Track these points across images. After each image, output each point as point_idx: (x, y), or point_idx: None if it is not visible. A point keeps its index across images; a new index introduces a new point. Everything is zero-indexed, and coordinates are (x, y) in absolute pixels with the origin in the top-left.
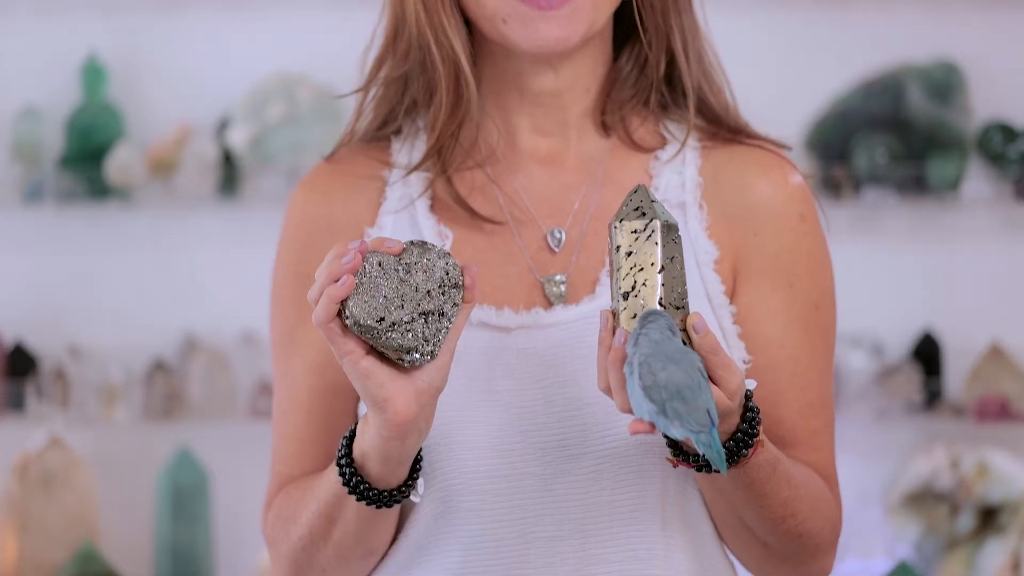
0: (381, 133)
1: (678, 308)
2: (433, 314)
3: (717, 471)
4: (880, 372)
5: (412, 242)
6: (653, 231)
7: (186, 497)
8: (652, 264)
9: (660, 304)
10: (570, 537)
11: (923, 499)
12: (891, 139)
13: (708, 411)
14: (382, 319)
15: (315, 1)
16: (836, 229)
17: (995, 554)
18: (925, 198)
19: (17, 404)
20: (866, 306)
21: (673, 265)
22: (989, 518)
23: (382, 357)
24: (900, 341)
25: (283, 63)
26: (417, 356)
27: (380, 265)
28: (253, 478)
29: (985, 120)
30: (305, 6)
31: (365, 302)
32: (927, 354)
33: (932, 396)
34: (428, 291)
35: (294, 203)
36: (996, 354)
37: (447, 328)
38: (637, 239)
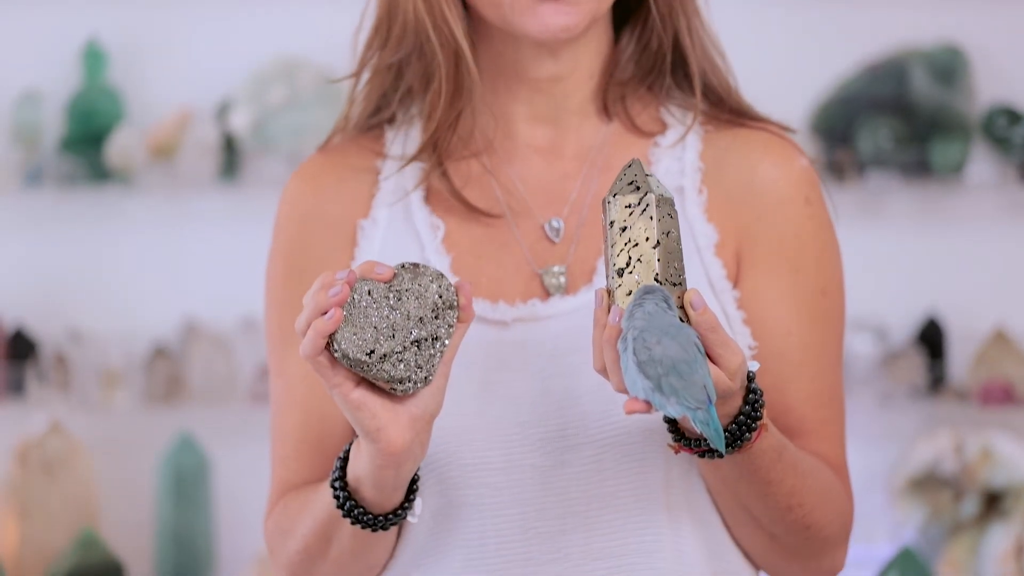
0: (375, 121)
1: (675, 285)
2: (426, 340)
3: (719, 454)
4: (884, 356)
5: (403, 266)
6: (648, 205)
7: (187, 482)
8: (647, 239)
9: (656, 280)
10: (573, 531)
11: (927, 484)
12: (895, 123)
13: (705, 387)
14: (372, 352)
15: None
16: (840, 213)
17: (999, 539)
18: (929, 182)
19: (17, 388)
20: (870, 290)
21: (669, 240)
22: (993, 503)
23: (373, 386)
24: (904, 325)
25: (284, 47)
26: (410, 385)
27: (370, 294)
28: (254, 463)
29: (989, 104)
30: None
31: (354, 334)
32: (931, 338)
33: (936, 380)
34: (420, 318)
35: (286, 196)
36: (1000, 338)
37: (441, 352)
38: (631, 214)
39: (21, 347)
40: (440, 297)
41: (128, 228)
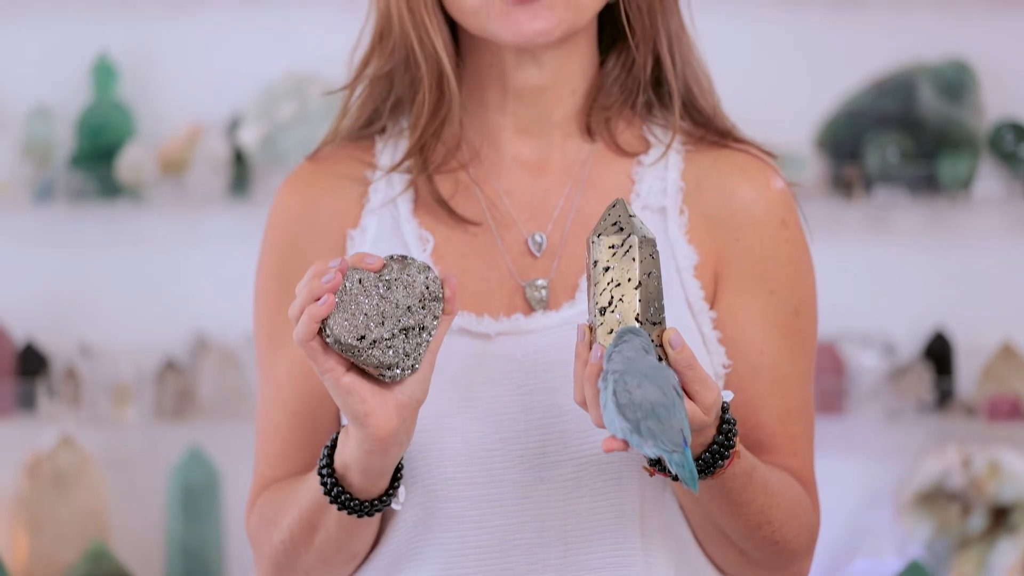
0: (365, 132)
1: (655, 324)
2: (414, 329)
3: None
4: (891, 371)
5: (392, 257)
6: (631, 247)
7: (197, 496)
8: (629, 280)
9: (637, 320)
10: (551, 544)
11: (935, 499)
12: (902, 138)
13: (682, 430)
14: (363, 337)
15: (326, 1)
16: (847, 228)
17: (1007, 553)
18: (937, 197)
19: (28, 403)
20: (877, 305)
21: (650, 281)
22: (1001, 517)
23: (363, 372)
24: (911, 340)
25: (294, 62)
26: (398, 372)
27: (360, 282)
28: None
29: (997, 119)
30: (316, 5)
31: (346, 320)
32: (939, 353)
33: (944, 395)
34: (408, 307)
35: (276, 204)
36: (1008, 353)
37: (428, 341)
38: (615, 254)
39: (32, 362)
40: (427, 288)
41: (138, 243)
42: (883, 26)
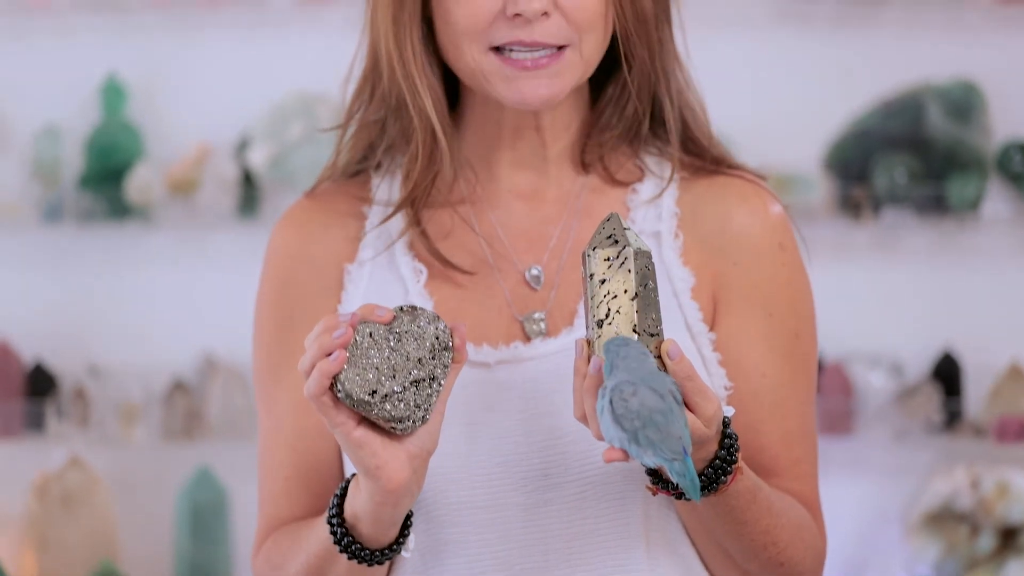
0: (361, 167)
1: (652, 335)
2: (424, 380)
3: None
4: (900, 392)
5: (402, 308)
6: (626, 259)
7: (205, 516)
8: (625, 292)
9: (635, 331)
10: (556, 567)
11: (943, 519)
12: (911, 159)
13: (681, 438)
14: (375, 392)
15: (335, 20)
16: (855, 249)
17: (1016, 574)
18: (945, 218)
19: (37, 423)
20: (886, 326)
21: (647, 292)
22: (1010, 538)
23: (373, 425)
24: (920, 361)
25: (302, 82)
26: (409, 424)
27: (371, 336)
28: None
29: (1005, 140)
30: (325, 25)
31: (357, 375)
32: (947, 374)
33: (952, 416)
34: (419, 359)
35: (274, 241)
36: (1016, 374)
37: (438, 391)
38: (610, 267)
39: (40, 382)
40: (437, 339)
41: (147, 263)
42: (891, 47)
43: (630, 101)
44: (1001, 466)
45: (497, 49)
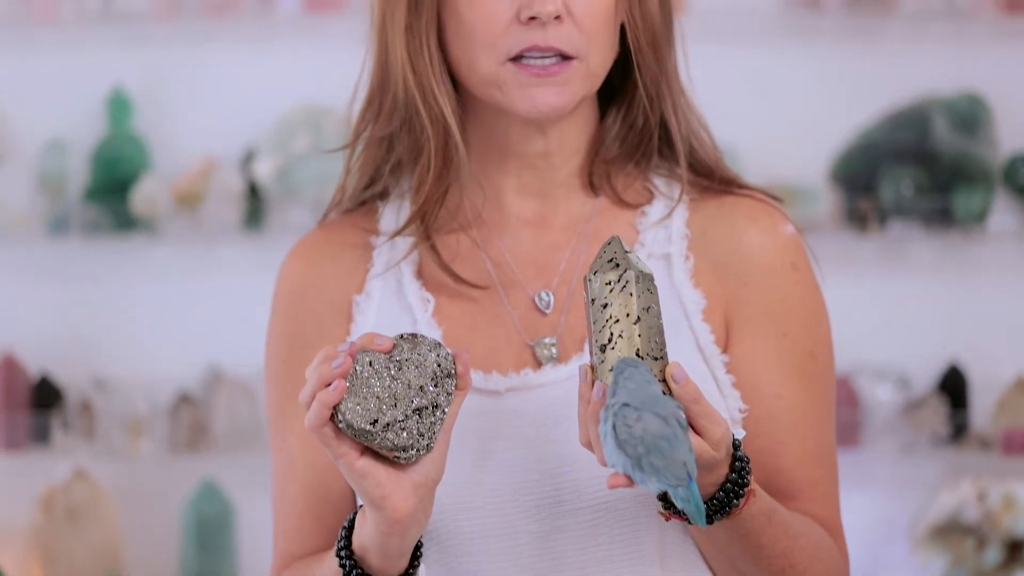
0: (368, 194)
1: (656, 359)
2: (427, 408)
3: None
4: (906, 405)
5: (402, 336)
6: (627, 282)
7: (210, 529)
8: (628, 315)
9: (638, 355)
10: None
11: (950, 532)
12: (917, 171)
13: (685, 463)
14: (376, 421)
15: (341, 33)
16: (862, 261)
17: None
18: (951, 230)
19: (42, 436)
20: (892, 338)
21: (649, 315)
22: (1016, 551)
23: (377, 455)
24: (926, 374)
25: (308, 95)
26: (413, 453)
27: (371, 364)
28: None
29: (1011, 152)
30: (330, 37)
31: (358, 405)
32: (953, 387)
33: (958, 429)
34: (421, 387)
35: (284, 273)
36: (1023, 386)
37: (441, 419)
38: (612, 291)
39: (46, 395)
40: (439, 366)
41: (153, 276)
42: (897, 59)
43: (639, 116)
44: (1008, 479)
45: (513, 60)
